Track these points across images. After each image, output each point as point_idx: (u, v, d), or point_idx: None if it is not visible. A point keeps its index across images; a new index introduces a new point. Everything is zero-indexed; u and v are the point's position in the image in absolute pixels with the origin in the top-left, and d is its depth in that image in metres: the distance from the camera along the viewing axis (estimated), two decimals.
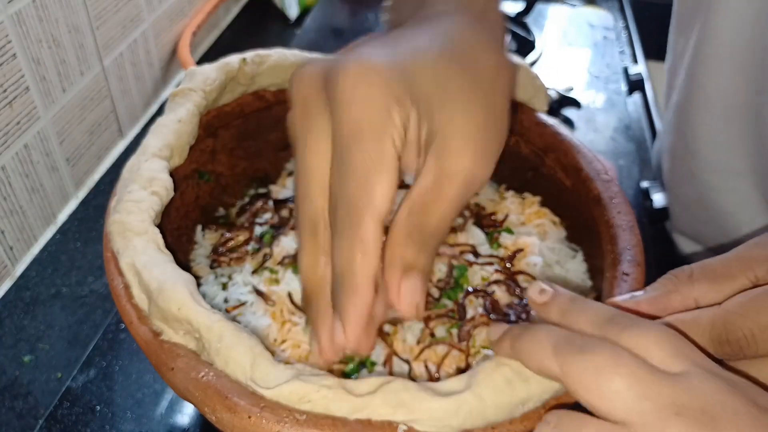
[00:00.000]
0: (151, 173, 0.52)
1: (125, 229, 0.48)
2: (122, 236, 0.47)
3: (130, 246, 0.46)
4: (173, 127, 0.57)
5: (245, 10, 1.39)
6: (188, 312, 0.42)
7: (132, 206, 0.49)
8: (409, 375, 0.52)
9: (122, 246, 0.47)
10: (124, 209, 0.49)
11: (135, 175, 0.52)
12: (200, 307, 0.43)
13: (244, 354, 0.40)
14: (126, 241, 0.47)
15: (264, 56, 0.66)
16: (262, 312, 0.54)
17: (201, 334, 0.41)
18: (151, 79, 1.06)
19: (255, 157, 0.72)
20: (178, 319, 0.42)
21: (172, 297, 0.43)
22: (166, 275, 0.44)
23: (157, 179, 0.52)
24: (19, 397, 0.66)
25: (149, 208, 0.50)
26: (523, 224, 0.66)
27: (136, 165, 0.53)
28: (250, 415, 0.38)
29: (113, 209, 0.50)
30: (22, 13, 0.73)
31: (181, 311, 0.42)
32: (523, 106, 0.67)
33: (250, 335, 0.42)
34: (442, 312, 0.55)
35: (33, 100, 0.78)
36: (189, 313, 0.42)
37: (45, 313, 0.75)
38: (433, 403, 0.39)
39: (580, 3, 1.42)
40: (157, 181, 0.52)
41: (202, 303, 0.44)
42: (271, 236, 0.61)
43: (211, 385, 0.40)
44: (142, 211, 0.49)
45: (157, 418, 0.62)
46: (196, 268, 0.61)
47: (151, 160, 0.53)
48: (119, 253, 0.47)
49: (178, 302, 0.42)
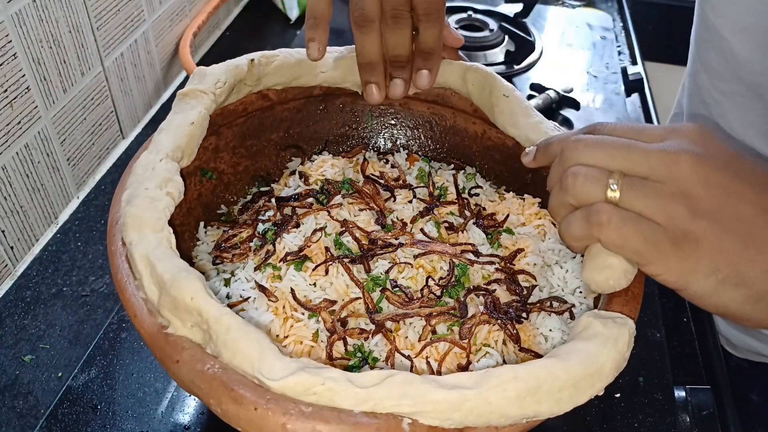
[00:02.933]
0: (167, 174, 0.53)
1: (142, 224, 0.48)
2: (137, 230, 0.48)
3: (145, 239, 0.47)
4: (186, 129, 0.58)
5: (246, 11, 1.39)
6: (200, 302, 0.43)
7: (148, 203, 0.50)
8: (411, 371, 0.52)
9: (137, 239, 0.47)
10: (140, 205, 0.50)
11: (151, 173, 0.53)
12: (211, 299, 0.43)
13: (252, 346, 0.41)
14: (141, 235, 0.48)
15: (270, 57, 0.67)
16: (264, 308, 0.55)
17: (209, 326, 0.42)
18: (152, 80, 1.07)
19: (257, 156, 0.72)
20: (189, 310, 0.43)
21: (186, 287, 0.43)
22: (179, 268, 0.45)
23: (172, 181, 0.53)
24: (19, 396, 0.66)
25: (165, 208, 0.51)
26: (523, 225, 0.67)
27: (152, 163, 0.54)
28: (256, 407, 0.38)
29: (126, 202, 0.51)
30: (23, 13, 0.74)
31: (194, 301, 0.42)
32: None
33: (257, 329, 0.42)
34: (444, 309, 0.55)
35: (33, 100, 0.78)
36: (201, 303, 0.42)
37: (46, 313, 0.75)
38: (437, 394, 0.39)
39: (579, 4, 1.43)
40: (172, 183, 0.53)
41: (212, 296, 0.44)
42: (273, 233, 0.61)
43: (216, 377, 0.40)
44: (159, 210, 0.50)
45: (158, 417, 0.62)
46: (198, 264, 0.61)
47: (165, 161, 0.54)
48: (132, 245, 0.47)
49: (191, 292, 0.43)
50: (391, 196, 0.68)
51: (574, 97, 1.08)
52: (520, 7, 1.30)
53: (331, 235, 0.61)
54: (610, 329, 0.45)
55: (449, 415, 0.39)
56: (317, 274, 0.57)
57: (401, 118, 0.77)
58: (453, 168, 0.75)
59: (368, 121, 0.77)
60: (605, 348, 0.44)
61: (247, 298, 0.56)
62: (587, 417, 0.64)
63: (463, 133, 0.75)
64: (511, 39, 1.22)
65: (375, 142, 0.78)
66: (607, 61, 1.23)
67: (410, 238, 0.62)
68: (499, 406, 0.39)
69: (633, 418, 0.64)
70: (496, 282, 0.59)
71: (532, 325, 0.56)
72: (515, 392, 0.40)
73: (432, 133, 0.77)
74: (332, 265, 0.57)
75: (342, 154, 0.75)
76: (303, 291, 0.56)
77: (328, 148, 0.77)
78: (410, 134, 0.78)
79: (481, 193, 0.71)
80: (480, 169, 0.75)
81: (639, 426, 0.64)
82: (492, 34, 1.20)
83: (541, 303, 0.58)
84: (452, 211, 0.67)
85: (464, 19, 1.24)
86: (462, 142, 0.75)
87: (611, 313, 0.48)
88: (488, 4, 1.34)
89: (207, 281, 0.58)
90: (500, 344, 0.54)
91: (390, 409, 0.38)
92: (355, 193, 0.66)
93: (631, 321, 0.47)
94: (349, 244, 0.60)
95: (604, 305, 0.51)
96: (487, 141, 0.73)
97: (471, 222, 0.66)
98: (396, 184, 0.69)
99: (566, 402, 0.41)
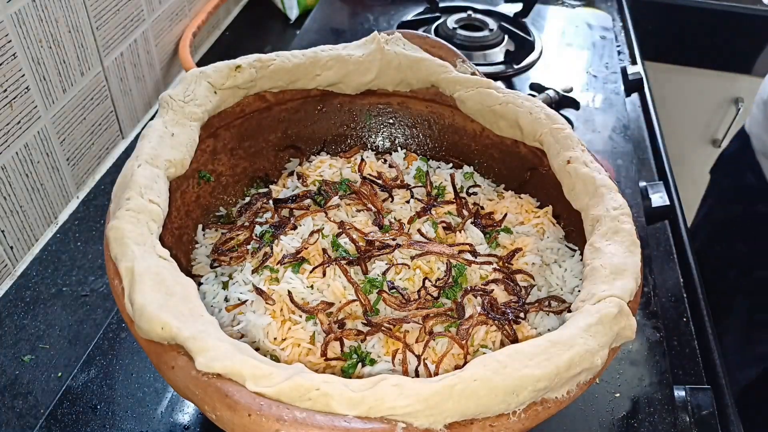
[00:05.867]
0: (146, 180, 0.52)
1: (124, 236, 0.48)
2: (120, 243, 0.48)
3: (128, 252, 0.47)
4: (168, 141, 0.57)
5: (245, 11, 1.39)
6: (171, 331, 0.43)
7: (131, 216, 0.49)
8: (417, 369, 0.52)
9: (120, 252, 0.47)
10: (123, 216, 0.49)
11: (130, 181, 0.52)
12: (182, 324, 0.43)
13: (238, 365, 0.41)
14: (124, 248, 0.47)
15: (265, 61, 0.66)
16: (262, 311, 0.55)
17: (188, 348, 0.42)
18: (152, 80, 1.07)
19: (255, 157, 0.72)
20: (162, 337, 0.43)
21: (154, 318, 0.43)
22: (146, 298, 0.44)
23: (152, 188, 0.52)
24: (19, 396, 0.66)
25: (149, 220, 0.50)
26: (521, 224, 0.67)
27: (130, 170, 0.53)
28: (249, 413, 0.38)
29: (112, 214, 0.51)
30: (22, 12, 0.74)
31: (164, 331, 0.43)
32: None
33: (239, 346, 0.43)
34: (441, 311, 0.55)
35: (33, 100, 0.78)
36: (173, 332, 0.43)
37: (45, 313, 0.75)
38: (428, 390, 0.39)
39: (579, 4, 1.42)
40: (151, 191, 0.52)
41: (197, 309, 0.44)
42: (271, 235, 0.61)
43: (211, 383, 0.40)
44: (141, 222, 0.49)
45: (157, 417, 0.62)
46: (197, 267, 0.61)
47: (144, 166, 0.54)
48: (117, 259, 0.47)
49: (161, 323, 0.43)
50: (388, 196, 0.68)
51: (574, 96, 1.08)
52: (520, 6, 1.29)
53: (329, 236, 0.61)
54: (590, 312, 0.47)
55: (442, 406, 0.39)
56: (314, 276, 0.57)
57: (399, 117, 0.77)
58: (451, 167, 0.75)
59: (366, 120, 0.77)
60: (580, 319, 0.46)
61: (245, 301, 0.56)
62: (587, 417, 0.64)
63: (461, 132, 0.75)
64: (511, 39, 1.22)
65: (373, 142, 0.78)
66: (607, 61, 1.23)
67: (407, 239, 0.62)
68: (484, 379, 0.40)
69: (633, 418, 0.64)
70: (494, 282, 0.59)
71: (531, 325, 0.56)
72: (496, 364, 0.42)
73: (430, 131, 0.77)
74: (329, 267, 0.57)
75: (340, 154, 0.75)
76: (300, 293, 0.56)
77: (326, 148, 0.77)
78: (408, 133, 0.78)
79: (479, 192, 0.71)
80: (479, 167, 0.75)
81: (639, 426, 0.64)
82: (492, 34, 1.20)
83: (540, 303, 0.58)
84: (450, 210, 0.67)
85: (464, 19, 1.24)
86: (461, 141, 0.75)
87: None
88: (488, 4, 1.34)
89: (204, 285, 0.59)
90: (498, 345, 0.54)
91: (385, 412, 0.38)
92: (352, 194, 0.66)
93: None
94: (347, 245, 0.60)
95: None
96: (486, 139, 0.73)
97: (469, 221, 0.66)
98: (394, 184, 0.69)
99: (546, 365, 0.42)
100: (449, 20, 1.23)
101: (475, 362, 0.42)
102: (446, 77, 0.70)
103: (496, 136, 0.71)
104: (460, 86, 0.70)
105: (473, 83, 0.69)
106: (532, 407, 0.42)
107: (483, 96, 0.68)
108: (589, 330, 0.45)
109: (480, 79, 0.69)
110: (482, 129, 0.72)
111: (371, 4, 1.36)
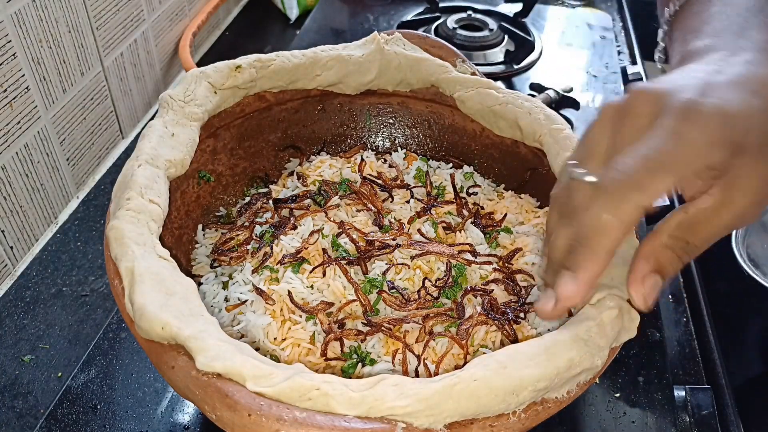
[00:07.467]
0: (146, 180, 0.52)
1: (124, 236, 0.48)
2: (120, 243, 0.48)
3: (129, 252, 0.47)
4: (168, 141, 0.57)
5: (245, 11, 1.39)
6: (172, 331, 0.42)
7: (131, 216, 0.49)
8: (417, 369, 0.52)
9: (120, 252, 0.47)
10: (123, 216, 0.49)
11: (130, 181, 0.52)
12: (182, 324, 0.43)
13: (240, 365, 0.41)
14: (124, 248, 0.47)
15: (265, 61, 0.66)
16: (262, 311, 0.55)
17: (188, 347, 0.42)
18: (152, 80, 1.07)
19: (255, 157, 0.72)
20: (163, 337, 0.43)
21: (154, 318, 0.43)
22: (146, 298, 0.44)
23: (152, 188, 0.52)
24: (19, 396, 0.66)
25: (149, 219, 0.50)
26: (521, 224, 0.67)
27: (130, 170, 0.53)
28: (249, 413, 0.38)
29: (112, 215, 0.51)
30: (22, 12, 0.74)
31: (164, 330, 0.42)
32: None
33: (239, 346, 0.43)
34: (441, 311, 0.55)
35: (33, 100, 0.78)
36: (173, 332, 0.42)
37: (45, 313, 0.75)
38: (427, 390, 0.39)
39: (579, 4, 1.42)
40: (151, 191, 0.52)
41: (196, 308, 0.44)
42: (271, 235, 0.61)
43: (211, 383, 0.40)
44: (141, 222, 0.49)
45: (158, 417, 0.62)
46: (197, 267, 0.61)
47: (144, 166, 0.54)
48: (117, 259, 0.47)
49: (161, 323, 0.43)
50: (388, 196, 0.68)
51: (574, 96, 1.08)
52: (520, 6, 1.29)
53: (329, 236, 0.61)
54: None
55: (442, 406, 0.39)
56: (314, 276, 0.57)
57: (399, 116, 0.77)
58: (451, 167, 0.75)
59: (366, 120, 0.77)
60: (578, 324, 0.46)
61: (245, 301, 0.56)
62: (587, 416, 0.64)
63: (461, 132, 0.75)
64: (511, 39, 1.22)
65: (373, 142, 0.78)
66: (607, 61, 1.23)
67: (407, 239, 0.62)
68: (484, 379, 0.40)
69: (633, 418, 0.64)
70: (494, 282, 0.59)
71: (531, 325, 0.56)
72: (496, 364, 0.42)
73: (430, 131, 0.77)
74: (329, 267, 0.57)
75: (340, 154, 0.75)
76: (300, 293, 0.56)
77: (326, 148, 0.77)
78: (408, 133, 0.78)
79: (479, 192, 0.71)
80: (479, 168, 0.75)
81: (639, 426, 0.64)
82: (492, 34, 1.20)
83: None
84: (450, 210, 0.67)
85: (464, 19, 1.24)
86: (460, 140, 0.75)
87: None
88: (488, 4, 1.34)
89: (204, 285, 0.59)
90: (498, 345, 0.54)
91: (385, 412, 0.38)
92: (352, 194, 0.66)
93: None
94: (347, 245, 0.60)
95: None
96: (486, 139, 0.73)
97: (469, 221, 0.66)
98: (394, 184, 0.69)
99: (546, 365, 0.42)
100: (449, 20, 1.23)
101: (475, 362, 0.42)
102: (446, 77, 0.70)
103: (496, 136, 0.71)
104: (460, 86, 0.70)
105: (473, 83, 0.69)
106: (532, 407, 0.42)
107: (483, 96, 0.68)
108: (589, 330, 0.45)
109: (480, 80, 0.69)
110: (482, 129, 0.72)
111: (371, 4, 1.36)
